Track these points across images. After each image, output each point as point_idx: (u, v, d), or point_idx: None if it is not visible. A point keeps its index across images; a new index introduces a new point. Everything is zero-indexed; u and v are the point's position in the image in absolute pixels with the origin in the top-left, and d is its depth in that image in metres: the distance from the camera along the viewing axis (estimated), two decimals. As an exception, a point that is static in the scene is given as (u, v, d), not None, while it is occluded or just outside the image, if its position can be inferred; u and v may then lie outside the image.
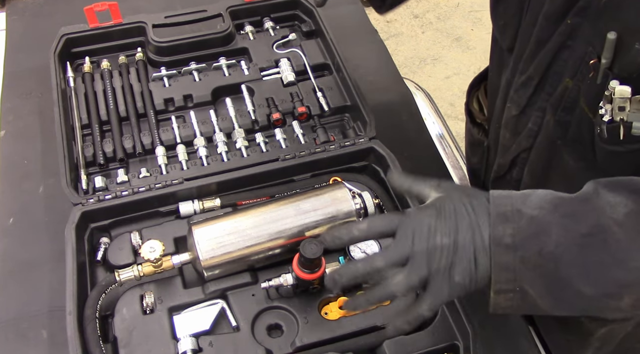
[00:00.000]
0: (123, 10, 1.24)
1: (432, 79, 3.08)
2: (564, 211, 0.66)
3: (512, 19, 0.88)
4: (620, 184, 0.66)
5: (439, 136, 1.43)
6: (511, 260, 0.66)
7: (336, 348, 0.85)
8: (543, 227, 0.65)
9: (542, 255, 0.65)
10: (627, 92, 0.67)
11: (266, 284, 0.89)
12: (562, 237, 0.64)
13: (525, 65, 0.86)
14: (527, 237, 0.65)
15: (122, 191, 0.99)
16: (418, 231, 0.69)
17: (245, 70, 1.21)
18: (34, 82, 1.26)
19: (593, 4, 0.73)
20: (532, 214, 0.66)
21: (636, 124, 0.68)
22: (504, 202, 0.68)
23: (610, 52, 0.69)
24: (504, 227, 0.66)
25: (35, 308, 0.96)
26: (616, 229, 0.63)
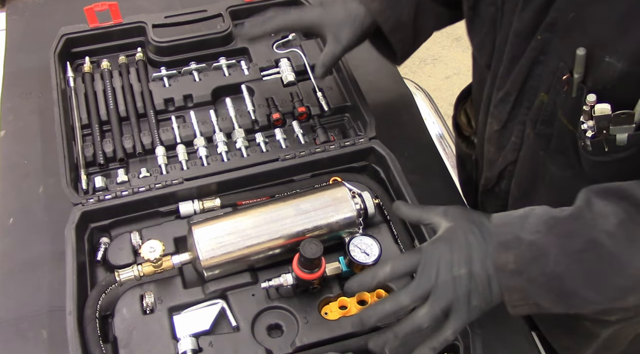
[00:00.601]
0: (123, 10, 1.24)
1: (432, 79, 3.08)
2: (559, 231, 0.71)
3: (486, 37, 0.89)
4: (610, 192, 0.69)
5: (439, 136, 1.43)
6: (518, 283, 0.72)
7: (336, 348, 0.85)
8: (541, 250, 0.71)
9: (545, 274, 0.70)
10: (607, 110, 0.69)
11: (266, 284, 0.89)
12: (560, 256, 0.70)
13: (502, 82, 0.87)
14: (529, 262, 0.71)
15: (122, 191, 0.99)
16: (437, 266, 0.75)
17: (245, 70, 1.21)
18: (34, 82, 1.26)
19: (560, 19, 0.74)
20: (530, 239, 0.71)
21: (619, 136, 0.70)
22: (504, 230, 0.74)
23: (581, 66, 0.71)
24: (506, 255, 0.72)
25: (35, 308, 0.96)
26: (608, 241, 0.67)
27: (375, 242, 0.91)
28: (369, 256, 0.89)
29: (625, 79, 0.67)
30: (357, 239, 0.91)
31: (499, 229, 0.74)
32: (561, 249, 0.70)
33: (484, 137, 0.99)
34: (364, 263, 0.89)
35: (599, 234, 0.68)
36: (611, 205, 0.68)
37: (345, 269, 0.91)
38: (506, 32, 0.83)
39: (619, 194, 0.68)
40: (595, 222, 0.68)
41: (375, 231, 0.99)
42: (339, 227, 0.94)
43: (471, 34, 0.95)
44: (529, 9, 0.77)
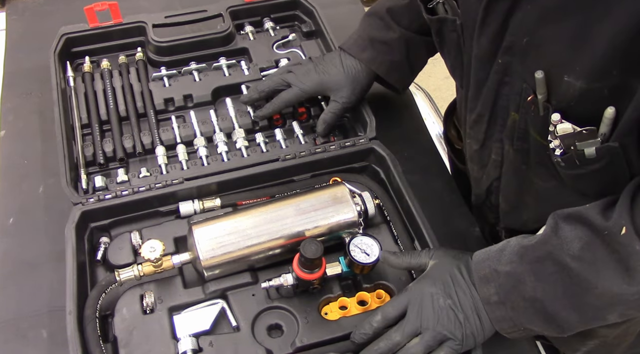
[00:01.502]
0: (123, 10, 1.24)
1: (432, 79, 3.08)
2: (530, 258, 0.76)
3: (455, 61, 0.91)
4: (574, 217, 0.73)
5: (438, 136, 1.43)
6: (504, 313, 0.78)
7: (336, 348, 0.85)
8: (518, 278, 0.76)
9: (526, 300, 0.76)
10: (568, 129, 0.71)
11: (266, 284, 0.89)
12: (535, 281, 0.75)
13: (473, 104, 0.89)
14: (509, 291, 0.77)
15: (122, 191, 0.99)
16: (423, 301, 0.81)
17: (245, 71, 1.21)
18: (34, 82, 1.26)
19: (516, 43, 0.75)
20: (506, 270, 0.78)
21: (587, 150, 0.71)
22: (483, 265, 0.80)
23: (543, 88, 0.73)
24: (488, 288, 0.79)
25: (35, 308, 0.96)
26: (574, 264, 0.71)
27: (375, 243, 0.91)
28: (369, 256, 0.89)
29: (587, 96, 0.68)
30: (357, 239, 0.91)
31: (478, 265, 0.81)
32: (535, 274, 0.75)
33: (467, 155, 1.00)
34: (364, 263, 0.89)
35: (565, 257, 0.72)
36: (576, 230, 0.72)
37: (346, 269, 0.91)
38: (469, 57, 0.84)
39: (579, 219, 0.72)
40: (561, 247, 0.72)
41: (375, 231, 0.99)
42: (339, 228, 0.94)
43: (443, 56, 0.97)
44: (485, 35, 0.78)
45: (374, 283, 0.93)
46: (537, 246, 0.76)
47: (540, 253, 0.75)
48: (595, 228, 0.70)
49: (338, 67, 1.08)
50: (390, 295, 0.93)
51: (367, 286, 0.93)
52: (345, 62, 1.08)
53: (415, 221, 0.96)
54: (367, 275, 0.93)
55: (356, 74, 1.07)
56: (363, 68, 1.08)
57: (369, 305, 0.91)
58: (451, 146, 1.25)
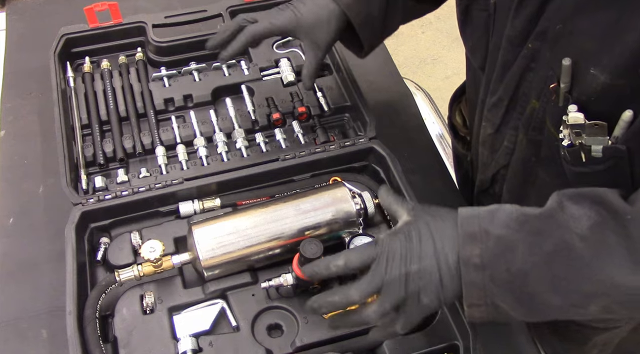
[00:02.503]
0: (123, 10, 1.24)
1: (432, 79, 3.08)
2: (530, 228, 0.68)
3: (479, 41, 0.89)
4: (583, 196, 0.68)
5: (439, 136, 1.43)
6: (480, 279, 0.69)
7: (336, 348, 0.85)
8: (510, 246, 0.68)
9: (510, 272, 0.68)
10: (580, 119, 0.69)
11: (266, 284, 0.89)
12: (528, 255, 0.67)
13: (495, 86, 0.88)
14: (495, 257, 0.68)
15: (122, 191, 0.99)
16: (389, 260, 0.72)
17: (245, 70, 1.21)
18: (34, 82, 1.26)
19: (550, 29, 0.74)
20: (499, 234, 0.69)
21: (594, 147, 0.70)
22: (471, 222, 0.71)
23: (567, 77, 0.71)
24: (472, 247, 0.69)
25: (35, 308, 0.96)
26: (579, 244, 0.65)
27: (375, 242, 0.90)
28: (369, 256, 0.89)
29: (608, 92, 0.67)
30: (357, 239, 0.91)
31: (466, 220, 0.72)
32: (530, 247, 0.67)
33: (478, 139, 0.99)
34: (364, 263, 0.89)
35: (571, 235, 0.66)
36: (584, 208, 0.66)
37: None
38: (499, 38, 0.83)
39: (594, 198, 0.67)
40: (568, 223, 0.66)
41: (375, 231, 0.99)
42: (339, 227, 0.94)
43: (464, 36, 0.95)
44: (520, 17, 0.77)
45: (374, 283, 0.93)
46: (540, 217, 0.69)
47: (543, 226, 0.68)
48: (614, 209, 0.65)
49: (310, 5, 0.98)
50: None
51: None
52: (321, 2, 0.98)
53: (415, 221, 0.96)
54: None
55: (329, 16, 0.97)
56: (337, 13, 0.97)
57: (369, 305, 0.91)
58: (455, 132, 1.23)
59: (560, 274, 0.66)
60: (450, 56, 3.20)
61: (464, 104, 1.19)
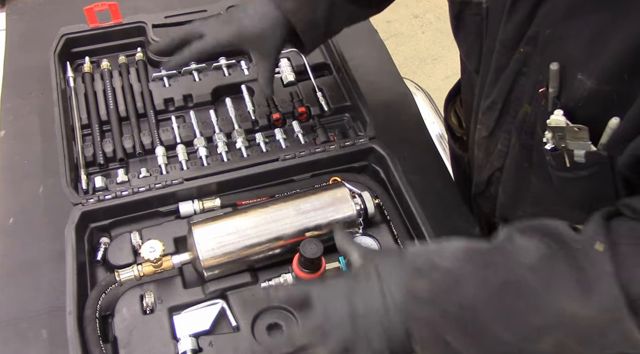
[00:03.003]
0: (123, 10, 1.24)
1: (432, 79, 3.08)
2: (479, 262, 0.66)
3: (473, 45, 0.89)
4: (533, 228, 0.66)
5: (439, 136, 1.43)
6: (428, 314, 0.66)
7: (336, 348, 0.85)
8: (459, 279, 0.65)
9: (462, 307, 0.65)
10: (561, 122, 0.69)
11: (266, 284, 0.89)
12: (478, 289, 0.65)
13: (489, 90, 0.88)
14: (444, 291, 0.66)
15: (122, 191, 0.99)
16: (334, 300, 0.69)
17: (245, 70, 1.21)
18: (34, 82, 1.26)
19: (540, 33, 0.74)
20: (447, 267, 0.66)
21: (577, 152, 0.70)
22: (419, 257, 0.69)
23: (555, 81, 0.71)
24: (421, 281, 0.67)
25: (35, 308, 0.96)
26: (529, 276, 0.63)
27: (375, 243, 0.91)
28: (369, 256, 0.89)
29: (595, 98, 0.67)
30: (357, 239, 0.91)
31: (414, 256, 0.70)
32: (482, 281, 0.65)
33: (474, 141, 1.00)
34: (364, 263, 0.89)
35: (520, 267, 0.64)
36: (533, 240, 0.65)
37: (345, 269, 0.91)
38: (492, 42, 0.83)
39: (543, 230, 0.65)
40: (517, 255, 0.65)
41: (375, 231, 0.99)
42: (339, 228, 0.94)
43: (458, 40, 0.95)
44: (512, 21, 0.77)
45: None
46: (489, 250, 0.67)
47: (492, 259, 0.66)
48: (563, 240, 0.63)
49: (253, 16, 0.97)
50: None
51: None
52: (260, 10, 0.97)
53: (415, 220, 0.96)
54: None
55: (274, 25, 0.96)
56: (281, 20, 0.96)
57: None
58: (451, 132, 1.23)
59: (510, 307, 0.64)
60: (450, 56, 3.20)
61: (458, 105, 1.20)
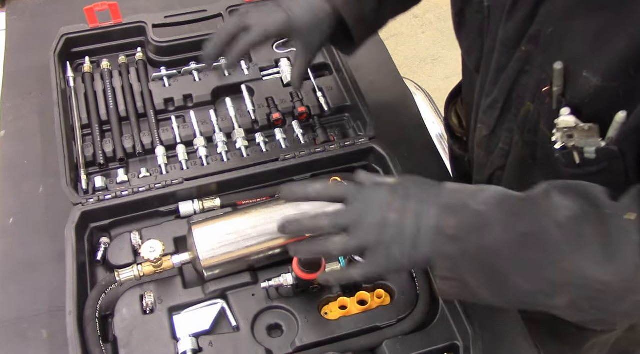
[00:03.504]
0: (123, 10, 1.24)
1: (432, 79, 3.08)
2: (509, 208, 0.68)
3: (474, 43, 0.89)
4: (570, 188, 0.67)
5: (439, 136, 1.43)
6: (451, 250, 0.68)
7: (336, 348, 0.85)
8: (485, 222, 0.67)
9: (481, 249, 0.67)
10: (571, 122, 0.69)
11: (266, 284, 0.89)
12: (502, 234, 0.66)
13: (490, 89, 0.87)
14: (469, 231, 0.68)
15: (122, 191, 0.99)
16: (369, 203, 0.71)
17: (245, 70, 1.21)
18: (34, 82, 1.26)
19: (542, 32, 0.74)
20: (477, 209, 0.68)
21: (587, 149, 0.70)
22: (454, 195, 0.71)
23: (560, 80, 0.71)
24: (449, 218, 0.69)
25: (35, 308, 0.96)
26: (555, 230, 0.64)
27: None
28: (369, 256, 0.89)
29: (601, 95, 0.67)
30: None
31: (450, 193, 0.72)
32: (506, 226, 0.66)
33: (474, 140, 0.99)
34: (364, 263, 0.89)
35: (548, 221, 0.65)
36: (568, 200, 0.65)
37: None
38: (493, 40, 0.83)
39: (580, 191, 0.66)
40: (548, 210, 0.66)
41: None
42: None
43: (459, 38, 0.95)
44: (513, 20, 0.77)
45: (374, 283, 0.93)
46: (522, 200, 0.69)
47: (522, 209, 0.68)
48: (596, 203, 0.64)
49: (303, 6, 0.94)
50: (390, 295, 0.93)
51: (367, 285, 0.93)
52: (312, 1, 0.94)
53: (415, 221, 0.96)
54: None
55: (323, 17, 0.94)
56: (331, 14, 0.94)
57: (369, 305, 0.91)
58: (451, 133, 1.23)
59: (530, 256, 0.65)
60: (450, 56, 3.21)
61: (459, 105, 1.20)
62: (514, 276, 0.66)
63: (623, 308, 0.63)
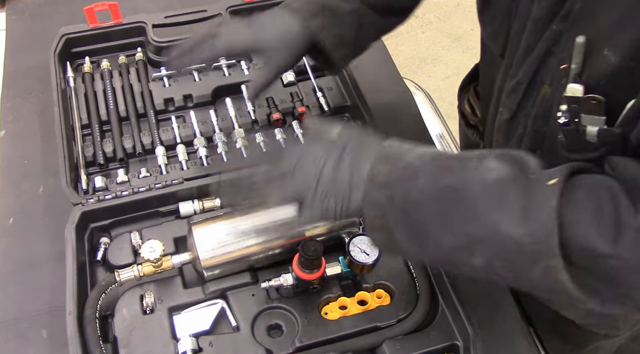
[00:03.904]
0: (123, 10, 1.24)
1: (432, 79, 3.08)
2: (440, 163, 0.69)
3: (501, 26, 0.88)
4: (506, 155, 0.68)
5: (439, 136, 1.43)
6: (380, 198, 0.70)
7: (336, 348, 0.85)
8: (415, 173, 0.69)
9: (407, 199, 0.68)
10: (578, 91, 0.69)
11: (266, 284, 0.89)
12: (427, 186, 0.68)
13: (515, 70, 0.86)
14: (398, 179, 0.69)
15: (122, 191, 0.99)
16: (307, 155, 0.73)
17: (245, 70, 1.21)
18: (34, 82, 1.26)
19: (573, 10, 0.73)
20: (410, 161, 0.70)
21: (590, 128, 0.69)
22: (391, 149, 0.73)
23: (579, 56, 0.70)
24: (382, 166, 0.70)
25: (35, 308, 0.96)
26: (478, 188, 0.65)
27: (375, 243, 0.90)
28: (369, 256, 0.89)
29: (618, 75, 0.67)
30: (357, 239, 0.91)
31: (387, 147, 0.74)
32: (433, 178, 0.68)
33: (493, 125, 0.99)
34: (364, 263, 0.89)
35: (473, 180, 0.66)
36: (501, 163, 0.66)
37: (346, 269, 0.91)
38: (523, 21, 0.82)
39: (514, 159, 0.67)
40: (477, 170, 0.67)
41: (375, 231, 0.99)
42: (339, 227, 0.94)
43: (483, 23, 0.94)
44: None
45: (374, 283, 0.93)
46: (454, 157, 0.70)
47: (452, 165, 0.69)
48: (526, 170, 0.65)
49: (277, 26, 0.94)
50: (390, 295, 0.93)
51: (367, 285, 0.93)
52: (286, 22, 0.94)
53: (415, 221, 0.96)
54: (367, 275, 0.93)
55: (295, 39, 0.94)
56: (302, 37, 0.94)
57: (369, 305, 0.91)
58: (465, 120, 1.22)
59: (449, 210, 0.66)
60: (450, 56, 3.21)
61: (472, 93, 1.19)
62: (435, 230, 0.67)
63: (535, 273, 0.63)
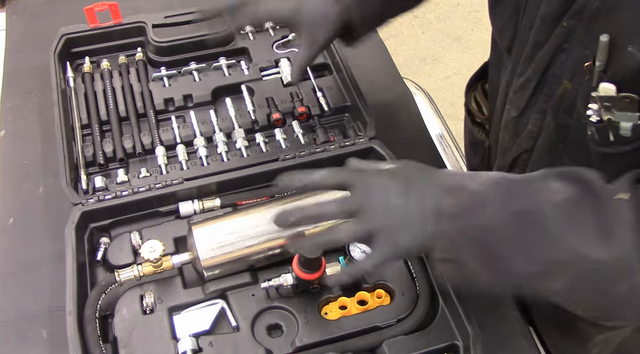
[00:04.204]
0: (123, 10, 1.24)
1: (432, 79, 3.08)
2: (505, 189, 0.69)
3: (510, 21, 0.88)
4: (566, 174, 0.68)
5: (439, 136, 1.43)
6: (449, 228, 0.69)
7: (336, 348, 0.85)
8: (483, 201, 0.68)
9: (478, 227, 0.67)
10: (611, 91, 0.68)
11: (266, 284, 0.89)
12: (498, 212, 0.67)
13: (524, 67, 0.86)
14: (467, 210, 0.68)
15: (122, 191, 0.99)
16: (373, 188, 0.72)
17: (245, 70, 1.21)
18: (34, 82, 1.26)
19: (588, 6, 0.73)
20: (473, 189, 0.69)
21: (623, 124, 0.69)
22: (452, 178, 0.73)
23: (603, 54, 0.69)
24: (447, 199, 0.69)
25: (35, 308, 0.96)
26: (550, 210, 0.65)
27: (375, 242, 0.90)
28: (369, 256, 0.89)
29: None
30: (357, 239, 0.91)
31: (447, 176, 0.74)
32: (502, 204, 0.67)
33: (499, 123, 0.98)
34: (364, 263, 0.89)
35: (544, 202, 0.66)
36: (564, 183, 0.66)
37: None
38: (532, 17, 0.81)
39: (575, 177, 0.67)
40: (544, 191, 0.67)
41: (375, 231, 0.99)
42: (339, 227, 0.94)
43: (493, 16, 0.93)
44: None
45: (374, 283, 0.93)
46: (518, 181, 0.70)
47: (518, 189, 0.68)
48: (590, 186, 0.65)
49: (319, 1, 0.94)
50: (390, 295, 0.93)
51: (367, 286, 0.93)
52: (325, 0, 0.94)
53: (415, 221, 0.96)
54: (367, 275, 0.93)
55: (334, 14, 0.94)
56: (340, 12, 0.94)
57: (369, 305, 0.91)
58: (471, 118, 1.22)
59: (525, 235, 0.66)
60: (450, 56, 3.21)
61: (479, 91, 1.19)
62: (510, 256, 0.66)
63: (622, 290, 0.62)
